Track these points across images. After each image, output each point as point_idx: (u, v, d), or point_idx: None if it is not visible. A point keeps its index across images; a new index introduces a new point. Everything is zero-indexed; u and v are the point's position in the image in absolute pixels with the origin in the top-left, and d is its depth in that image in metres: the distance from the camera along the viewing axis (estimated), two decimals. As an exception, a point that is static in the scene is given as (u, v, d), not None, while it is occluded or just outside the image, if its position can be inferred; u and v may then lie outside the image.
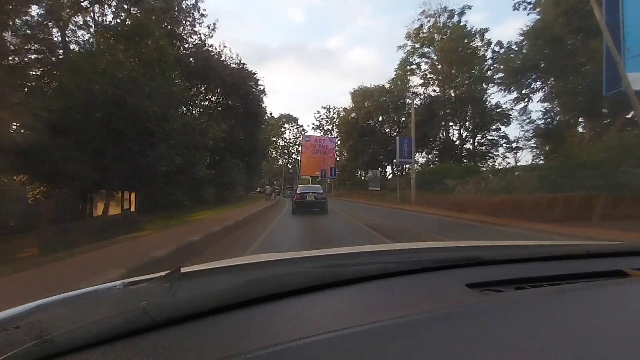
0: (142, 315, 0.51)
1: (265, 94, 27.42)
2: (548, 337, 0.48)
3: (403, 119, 37.33)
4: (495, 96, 35.27)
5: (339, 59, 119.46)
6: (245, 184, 32.68)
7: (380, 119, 41.02)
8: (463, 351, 0.45)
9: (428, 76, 34.63)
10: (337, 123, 49.52)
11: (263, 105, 27.47)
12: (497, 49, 29.68)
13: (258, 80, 25.79)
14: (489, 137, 33.27)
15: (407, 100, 36.56)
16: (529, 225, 8.01)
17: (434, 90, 34.26)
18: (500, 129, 33.87)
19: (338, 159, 51.33)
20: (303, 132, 60.93)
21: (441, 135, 34.65)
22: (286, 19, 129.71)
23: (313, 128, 61.72)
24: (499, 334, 0.50)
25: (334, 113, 68.46)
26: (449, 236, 7.17)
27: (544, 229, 7.35)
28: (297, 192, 13.61)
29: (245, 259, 0.86)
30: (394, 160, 18.82)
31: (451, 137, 33.99)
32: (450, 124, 33.81)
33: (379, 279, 0.73)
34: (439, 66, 32.82)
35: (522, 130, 36.00)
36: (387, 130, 41.53)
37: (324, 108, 68.40)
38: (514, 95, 26.27)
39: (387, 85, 39.21)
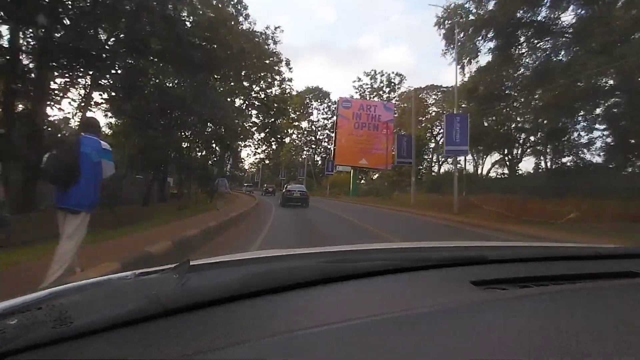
0: (154, 303, 0.53)
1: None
2: (552, 334, 0.47)
3: None
4: None
5: (371, 58, 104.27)
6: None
7: None
8: (466, 345, 0.45)
9: None
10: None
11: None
12: None
13: None
14: None
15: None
16: None
17: None
18: None
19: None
20: (337, 102, 40.86)
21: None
22: (317, 16, 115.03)
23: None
24: (502, 330, 0.50)
25: (382, 81, 48.66)
26: None
27: None
28: (287, 189, 17.35)
29: (254, 254, 0.91)
30: None
31: None
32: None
33: (384, 274, 0.74)
34: None
35: None
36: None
37: (367, 75, 47.87)
38: None
39: None
